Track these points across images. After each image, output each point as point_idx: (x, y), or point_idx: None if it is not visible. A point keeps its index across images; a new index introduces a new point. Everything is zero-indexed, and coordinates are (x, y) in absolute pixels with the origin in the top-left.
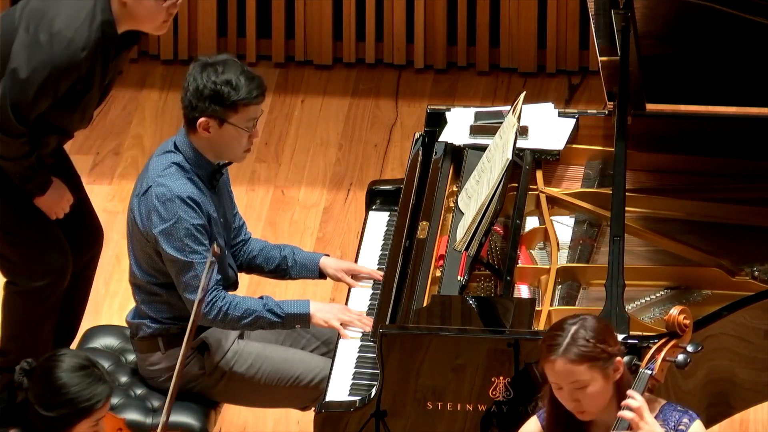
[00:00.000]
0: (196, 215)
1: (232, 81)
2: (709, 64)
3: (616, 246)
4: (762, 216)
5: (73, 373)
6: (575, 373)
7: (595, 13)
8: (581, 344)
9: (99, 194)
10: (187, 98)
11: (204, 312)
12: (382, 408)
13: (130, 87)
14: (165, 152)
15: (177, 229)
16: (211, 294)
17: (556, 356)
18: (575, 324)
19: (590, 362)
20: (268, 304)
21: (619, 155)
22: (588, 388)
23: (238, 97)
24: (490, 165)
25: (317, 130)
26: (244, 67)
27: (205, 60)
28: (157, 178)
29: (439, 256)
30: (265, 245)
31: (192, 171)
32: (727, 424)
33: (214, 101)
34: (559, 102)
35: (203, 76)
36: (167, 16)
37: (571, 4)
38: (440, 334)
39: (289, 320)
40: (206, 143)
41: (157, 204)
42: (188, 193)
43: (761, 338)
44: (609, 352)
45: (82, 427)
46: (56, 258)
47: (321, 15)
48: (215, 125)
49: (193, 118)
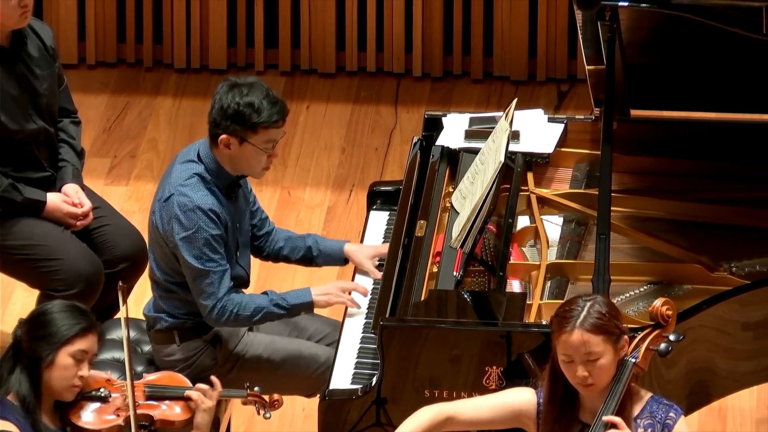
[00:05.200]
0: (215, 226)
1: (254, 104)
2: (690, 72)
3: (602, 243)
4: (739, 215)
5: (59, 307)
6: (591, 343)
7: (582, 24)
8: (597, 317)
9: (116, 195)
10: (212, 115)
11: (216, 317)
12: (383, 396)
13: (146, 94)
14: (187, 161)
15: (197, 238)
16: (222, 301)
17: (572, 327)
18: (589, 300)
19: (605, 335)
20: (274, 299)
21: (605, 158)
22: (600, 360)
23: (259, 120)
24: (484, 167)
25: (321, 134)
26: (269, 91)
27: (233, 81)
28: (180, 187)
29: (436, 253)
30: (290, 236)
31: (212, 182)
32: (707, 411)
33: (235, 121)
34: (549, 108)
35: (229, 96)
36: (20, 9)
37: (560, 16)
38: (437, 326)
39: (294, 310)
40: (227, 158)
41: (179, 213)
42: (209, 205)
43: (739, 330)
44: (620, 328)
45: (64, 357)
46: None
47: (325, 26)
48: (236, 143)
49: (216, 134)
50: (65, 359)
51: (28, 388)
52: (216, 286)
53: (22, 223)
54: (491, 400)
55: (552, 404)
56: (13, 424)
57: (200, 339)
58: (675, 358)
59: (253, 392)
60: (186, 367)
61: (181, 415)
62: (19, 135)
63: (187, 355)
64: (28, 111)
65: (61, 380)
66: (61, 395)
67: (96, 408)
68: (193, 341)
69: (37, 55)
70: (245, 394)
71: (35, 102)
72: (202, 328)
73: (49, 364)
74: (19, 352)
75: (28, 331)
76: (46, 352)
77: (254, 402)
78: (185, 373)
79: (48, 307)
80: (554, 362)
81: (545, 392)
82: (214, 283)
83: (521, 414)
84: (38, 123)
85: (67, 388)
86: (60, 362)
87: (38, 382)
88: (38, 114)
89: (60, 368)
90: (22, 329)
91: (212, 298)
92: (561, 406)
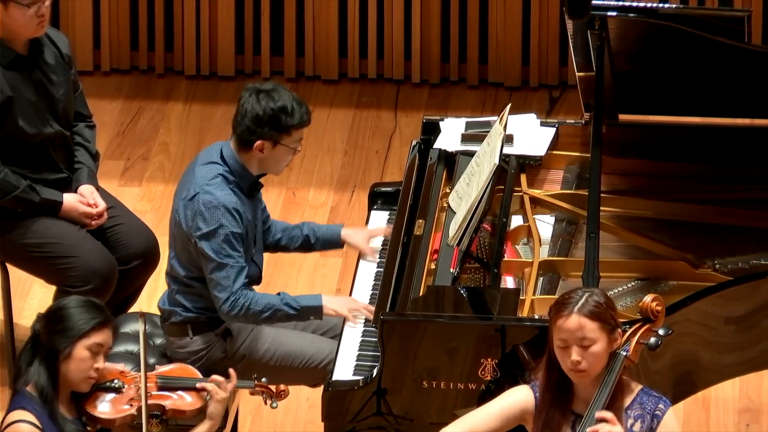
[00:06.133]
0: (237, 224)
1: (287, 108)
2: (675, 79)
3: (591, 242)
4: (723, 215)
5: (76, 303)
6: (587, 328)
7: (573, 33)
8: (594, 304)
9: (129, 195)
10: (245, 123)
11: (228, 310)
12: (383, 386)
13: (157, 99)
14: (210, 162)
15: (218, 233)
16: (236, 294)
17: (570, 312)
18: (587, 291)
19: (601, 322)
20: (285, 299)
21: (595, 160)
22: (593, 346)
23: (293, 122)
24: (479, 169)
25: (325, 138)
26: (292, 93)
27: (257, 87)
28: (205, 186)
29: (434, 251)
30: (286, 226)
31: (234, 182)
32: (692, 401)
33: (272, 126)
34: (541, 113)
35: (261, 104)
36: (37, 18)
37: (551, 25)
38: (435, 320)
39: (303, 312)
40: (256, 161)
41: (203, 210)
42: (233, 204)
43: (722, 324)
44: (616, 320)
45: (81, 350)
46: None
47: (328, 35)
48: (269, 146)
49: (250, 140)
50: (82, 352)
51: (46, 379)
52: (231, 280)
53: (40, 222)
54: (496, 409)
55: (547, 393)
56: (31, 414)
57: (212, 332)
58: (661, 351)
59: (261, 383)
60: (198, 359)
61: (192, 405)
62: (36, 138)
63: (200, 347)
64: (45, 116)
65: (77, 372)
66: (77, 386)
67: (110, 398)
68: (205, 334)
69: (54, 62)
70: (253, 385)
71: (52, 107)
72: (215, 322)
73: (66, 357)
74: (37, 345)
75: (46, 325)
76: (63, 345)
77: (262, 392)
78: (197, 365)
79: (65, 302)
80: (550, 352)
81: (541, 381)
82: (229, 276)
83: (524, 411)
84: (55, 127)
85: (83, 380)
86: (77, 355)
87: (56, 373)
88: (55, 119)
89: (77, 360)
90: (40, 323)
91: (226, 290)
92: (556, 394)
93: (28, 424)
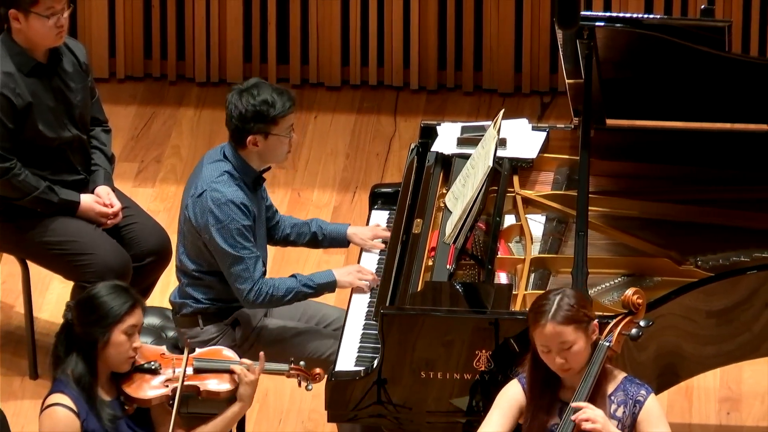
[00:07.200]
0: (245, 217)
1: (268, 100)
2: (660, 85)
3: (580, 240)
4: (705, 214)
5: (106, 290)
6: (563, 334)
7: (563, 42)
8: (566, 309)
9: (143, 196)
10: (233, 123)
11: (254, 299)
12: (383, 377)
13: (170, 105)
14: (216, 161)
15: (230, 228)
16: (258, 284)
17: (545, 321)
18: (558, 294)
19: (575, 324)
20: (302, 280)
21: (584, 163)
22: (573, 347)
23: (276, 112)
24: (474, 171)
25: (328, 141)
26: (272, 85)
27: (240, 87)
28: (212, 183)
29: (431, 248)
30: (295, 222)
31: (239, 178)
32: (675, 390)
33: (257, 120)
34: (533, 118)
35: (243, 102)
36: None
37: (542, 34)
38: (432, 314)
39: (319, 289)
40: (255, 155)
41: (213, 206)
42: (240, 199)
43: (703, 318)
44: (589, 315)
45: (118, 335)
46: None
47: (331, 44)
48: (261, 139)
49: (242, 137)
50: (119, 336)
51: (83, 368)
52: (251, 271)
53: (59, 221)
54: (499, 412)
55: (535, 388)
56: (68, 398)
57: (221, 322)
58: (646, 343)
59: (296, 366)
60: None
61: (225, 387)
62: (55, 142)
63: (209, 337)
64: (63, 120)
65: (117, 355)
66: (118, 367)
67: (147, 379)
68: (214, 324)
69: (72, 70)
70: (288, 368)
71: (70, 112)
72: (224, 313)
73: (104, 344)
74: (71, 334)
75: (79, 315)
76: (101, 334)
77: (297, 375)
78: None
79: (95, 291)
80: (534, 351)
81: (528, 377)
82: (249, 268)
83: (520, 405)
84: (72, 131)
85: (124, 361)
86: (115, 340)
87: (94, 362)
88: (72, 123)
89: (116, 345)
90: (72, 313)
91: (249, 281)
92: (542, 388)
93: (63, 408)
